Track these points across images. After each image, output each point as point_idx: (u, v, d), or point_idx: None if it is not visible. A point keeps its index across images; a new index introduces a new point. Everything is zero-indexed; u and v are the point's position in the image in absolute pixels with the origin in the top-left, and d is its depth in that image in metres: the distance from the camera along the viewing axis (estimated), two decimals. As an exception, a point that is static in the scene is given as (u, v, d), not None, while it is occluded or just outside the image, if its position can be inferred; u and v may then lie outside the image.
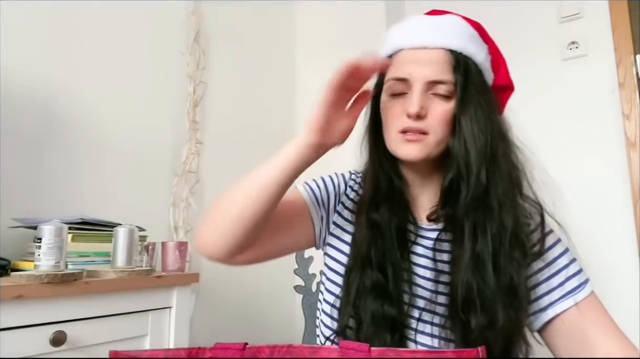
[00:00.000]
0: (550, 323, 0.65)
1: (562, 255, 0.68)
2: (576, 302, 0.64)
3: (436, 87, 0.65)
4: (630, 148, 1.39)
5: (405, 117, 0.64)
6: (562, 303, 0.65)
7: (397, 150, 0.66)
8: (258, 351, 0.46)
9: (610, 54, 1.47)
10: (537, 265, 0.66)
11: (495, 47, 0.74)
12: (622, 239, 1.38)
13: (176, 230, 1.41)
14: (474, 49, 0.68)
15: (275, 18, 2.02)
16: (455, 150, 0.64)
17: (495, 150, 0.64)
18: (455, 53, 0.66)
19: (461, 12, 0.82)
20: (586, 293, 0.66)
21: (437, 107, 0.65)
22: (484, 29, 0.74)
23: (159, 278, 1.00)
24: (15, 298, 0.74)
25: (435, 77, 0.65)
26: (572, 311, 0.64)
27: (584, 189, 1.47)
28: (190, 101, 1.52)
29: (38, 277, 0.77)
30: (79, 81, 1.27)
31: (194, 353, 0.46)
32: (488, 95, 0.68)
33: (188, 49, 1.54)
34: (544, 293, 0.66)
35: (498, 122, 0.67)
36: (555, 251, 0.68)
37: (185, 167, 1.46)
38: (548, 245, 0.68)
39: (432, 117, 0.65)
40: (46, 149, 1.18)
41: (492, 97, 0.69)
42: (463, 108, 0.64)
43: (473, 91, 0.65)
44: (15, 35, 1.15)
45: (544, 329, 0.67)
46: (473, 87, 0.65)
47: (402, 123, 0.65)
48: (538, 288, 0.66)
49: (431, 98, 0.65)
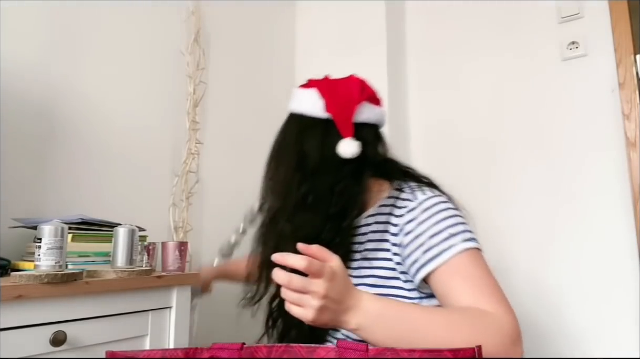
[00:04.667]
0: (426, 283, 0.73)
1: (426, 230, 0.74)
2: (430, 271, 0.71)
3: None
4: (630, 148, 1.39)
5: None
6: (422, 270, 0.72)
7: None
8: (255, 351, 0.46)
9: (610, 54, 1.47)
10: (406, 239, 0.75)
11: (321, 87, 0.87)
12: (622, 239, 1.38)
13: (176, 230, 1.41)
14: (294, 103, 0.92)
15: (275, 18, 2.02)
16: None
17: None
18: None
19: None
20: (440, 260, 0.70)
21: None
22: (314, 81, 0.90)
23: (159, 278, 1.00)
24: (15, 298, 0.74)
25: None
26: (432, 276, 0.71)
27: (583, 189, 1.47)
28: (190, 101, 1.52)
29: (38, 277, 0.77)
30: (79, 81, 1.27)
31: (191, 353, 0.46)
32: (288, 130, 0.90)
33: (188, 49, 1.54)
34: (412, 262, 0.73)
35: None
36: (419, 228, 0.74)
37: (185, 167, 1.46)
38: (408, 223, 0.75)
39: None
40: (46, 149, 1.19)
41: (293, 129, 0.89)
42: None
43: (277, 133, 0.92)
44: (16, 35, 1.15)
45: (422, 287, 0.75)
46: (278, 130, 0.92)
47: None
48: (408, 257, 0.74)
49: None
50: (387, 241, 0.78)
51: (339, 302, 0.60)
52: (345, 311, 0.61)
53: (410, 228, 0.74)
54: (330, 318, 0.61)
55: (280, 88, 2.01)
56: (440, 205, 0.75)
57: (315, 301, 0.58)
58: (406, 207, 0.76)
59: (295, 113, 0.89)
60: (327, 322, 0.61)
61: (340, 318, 0.61)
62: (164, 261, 1.18)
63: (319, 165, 0.80)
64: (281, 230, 0.80)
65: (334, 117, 0.82)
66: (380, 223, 0.80)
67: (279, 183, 0.85)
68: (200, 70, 1.56)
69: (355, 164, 0.80)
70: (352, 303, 0.62)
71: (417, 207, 0.75)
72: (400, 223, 0.76)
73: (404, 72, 1.91)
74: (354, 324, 0.62)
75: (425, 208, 0.75)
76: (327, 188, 0.79)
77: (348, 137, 0.80)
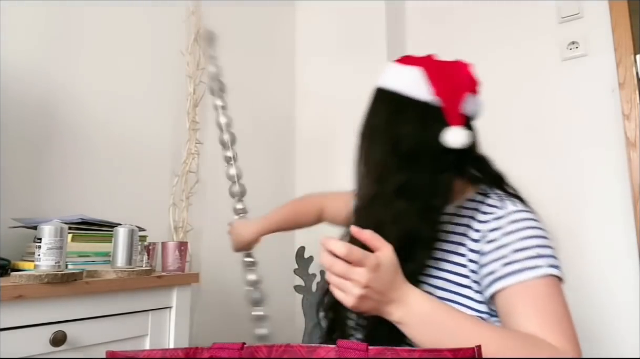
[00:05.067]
0: (493, 299, 0.68)
1: (511, 243, 0.69)
2: (504, 286, 0.65)
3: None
4: (630, 148, 1.39)
5: None
6: (497, 284, 0.66)
7: None
8: (256, 351, 0.46)
9: (610, 54, 1.47)
10: (487, 247, 0.70)
11: (429, 66, 0.80)
12: (622, 239, 1.38)
13: (176, 230, 1.41)
14: (390, 80, 0.80)
15: (275, 18, 2.02)
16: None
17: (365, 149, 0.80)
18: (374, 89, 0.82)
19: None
20: (519, 278, 0.65)
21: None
22: (414, 58, 0.82)
23: (159, 278, 1.00)
24: (15, 298, 0.74)
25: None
26: (503, 292, 0.66)
27: (583, 189, 1.47)
28: (190, 101, 1.52)
29: (38, 277, 0.77)
30: (79, 81, 1.27)
31: (191, 353, 0.46)
32: (385, 109, 0.79)
33: (188, 49, 1.54)
34: (488, 272, 0.69)
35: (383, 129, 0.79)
36: (504, 239, 0.69)
37: (185, 167, 1.46)
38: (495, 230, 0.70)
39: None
40: (46, 149, 1.19)
41: (393, 109, 0.78)
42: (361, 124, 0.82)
43: (367, 110, 0.81)
44: (16, 36, 1.15)
45: (491, 303, 0.70)
46: (368, 108, 0.81)
47: None
48: (485, 267, 0.69)
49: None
50: (465, 245, 0.73)
51: (382, 293, 0.60)
52: (388, 303, 0.61)
53: (493, 237, 0.69)
54: (372, 306, 0.61)
55: (280, 88, 2.01)
56: (531, 222, 0.70)
57: (357, 290, 0.59)
58: (493, 214, 0.71)
59: (389, 90, 0.79)
60: (368, 310, 0.61)
61: (383, 308, 0.61)
62: (164, 261, 1.18)
63: (418, 152, 0.74)
64: (378, 217, 0.73)
65: (443, 102, 0.75)
66: (458, 224, 0.76)
67: (374, 167, 0.78)
68: (200, 70, 1.56)
69: (456, 156, 0.74)
70: (397, 296, 0.61)
71: (504, 217, 0.70)
72: (483, 229, 0.71)
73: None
74: (397, 318, 0.61)
75: (513, 220, 0.69)
76: (427, 177, 0.73)
77: (457, 125, 0.75)
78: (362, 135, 0.81)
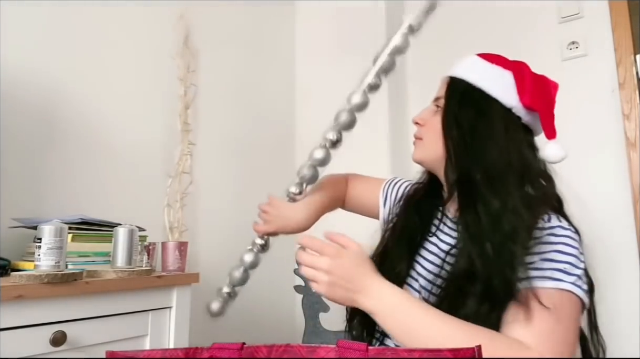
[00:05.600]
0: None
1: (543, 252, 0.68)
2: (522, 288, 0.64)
3: (437, 101, 0.81)
4: (630, 148, 1.39)
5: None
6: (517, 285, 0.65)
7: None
8: (255, 351, 0.46)
9: (610, 54, 1.47)
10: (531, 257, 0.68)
11: (522, 73, 0.80)
12: (622, 239, 1.38)
13: (171, 230, 1.41)
14: (476, 75, 0.77)
15: (275, 18, 2.02)
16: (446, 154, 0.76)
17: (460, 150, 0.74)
18: (454, 78, 0.80)
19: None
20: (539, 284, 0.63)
21: (433, 118, 0.80)
22: (504, 59, 0.81)
23: (159, 278, 1.00)
24: (15, 298, 0.74)
25: (436, 94, 0.83)
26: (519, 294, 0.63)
27: (583, 189, 1.47)
28: (182, 103, 1.52)
29: (38, 277, 0.77)
30: (77, 84, 1.28)
31: (191, 353, 0.46)
32: (471, 107, 0.75)
33: (178, 52, 1.54)
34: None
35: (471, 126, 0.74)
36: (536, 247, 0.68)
37: (178, 168, 1.47)
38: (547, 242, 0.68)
39: (426, 125, 0.81)
40: (46, 150, 1.19)
41: (480, 108, 0.74)
42: (444, 117, 0.77)
43: (452, 103, 0.77)
44: (14, 38, 1.15)
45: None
46: (453, 100, 0.77)
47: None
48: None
49: (436, 111, 0.80)
50: None
51: (347, 280, 0.65)
52: (357, 292, 0.65)
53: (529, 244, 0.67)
54: (342, 295, 0.65)
55: (280, 88, 2.01)
56: (569, 239, 0.68)
57: (322, 276, 0.65)
58: (537, 224, 0.70)
59: (474, 86, 0.75)
60: (341, 298, 0.66)
61: (353, 297, 0.65)
62: (164, 261, 1.18)
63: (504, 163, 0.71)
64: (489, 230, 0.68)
65: (540, 114, 0.76)
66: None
67: (489, 170, 0.72)
68: (191, 72, 1.55)
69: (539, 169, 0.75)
70: (364, 285, 0.65)
71: (545, 229, 0.68)
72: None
73: (404, 71, 1.91)
74: (369, 307, 0.64)
75: (553, 233, 0.68)
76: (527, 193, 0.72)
77: (553, 139, 0.75)
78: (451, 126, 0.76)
